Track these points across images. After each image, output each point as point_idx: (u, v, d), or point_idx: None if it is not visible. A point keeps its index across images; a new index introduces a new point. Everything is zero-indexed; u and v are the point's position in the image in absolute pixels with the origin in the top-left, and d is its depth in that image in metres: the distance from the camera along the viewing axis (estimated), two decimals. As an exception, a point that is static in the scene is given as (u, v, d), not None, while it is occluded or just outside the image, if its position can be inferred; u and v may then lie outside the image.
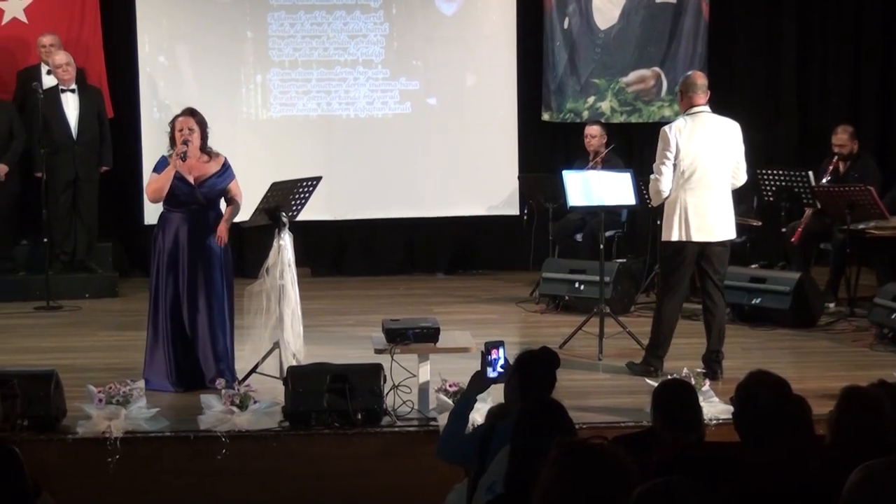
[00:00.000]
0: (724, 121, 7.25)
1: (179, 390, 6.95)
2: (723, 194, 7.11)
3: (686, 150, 6.98)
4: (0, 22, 10.47)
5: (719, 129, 7.11)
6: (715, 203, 7.06)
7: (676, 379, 5.11)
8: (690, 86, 7.12)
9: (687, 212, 7.01)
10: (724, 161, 7.09)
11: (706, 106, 7.11)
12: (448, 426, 4.92)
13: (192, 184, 7.02)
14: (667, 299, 7.20)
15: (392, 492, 6.13)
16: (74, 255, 10.23)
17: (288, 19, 10.91)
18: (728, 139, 7.13)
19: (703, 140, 7.01)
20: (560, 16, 11.08)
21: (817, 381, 6.66)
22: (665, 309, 7.19)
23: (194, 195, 7.03)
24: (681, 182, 7.01)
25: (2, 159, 9.88)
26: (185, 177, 7.00)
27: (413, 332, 6.53)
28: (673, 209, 7.06)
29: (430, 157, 11.03)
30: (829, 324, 8.69)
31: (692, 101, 7.08)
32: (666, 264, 7.30)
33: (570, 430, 3.98)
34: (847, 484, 2.07)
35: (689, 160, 6.98)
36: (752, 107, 11.40)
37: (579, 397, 6.52)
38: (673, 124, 7.17)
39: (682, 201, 7.02)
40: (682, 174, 7.00)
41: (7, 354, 7.81)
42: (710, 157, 7.01)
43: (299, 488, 6.20)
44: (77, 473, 6.05)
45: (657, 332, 7.22)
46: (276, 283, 7.08)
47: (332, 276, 11.00)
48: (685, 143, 6.98)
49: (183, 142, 6.94)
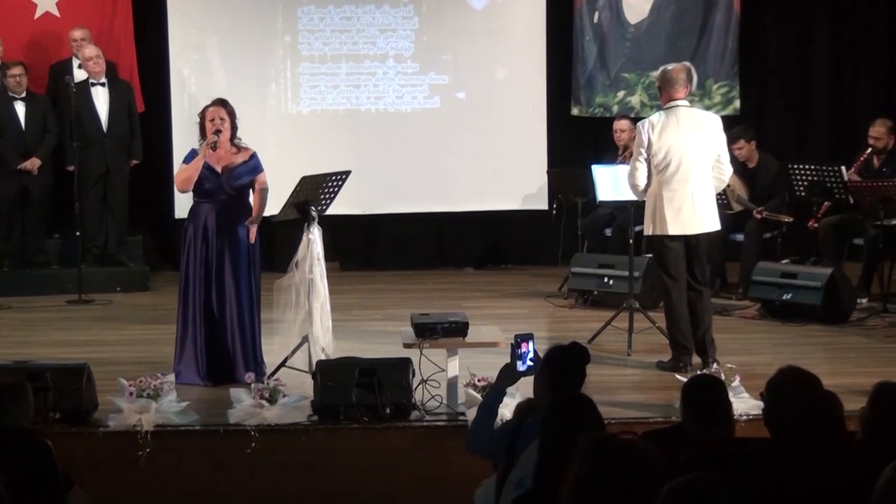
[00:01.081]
0: (703, 114, 7.29)
1: (209, 384, 6.97)
2: (701, 187, 7.08)
3: (658, 145, 7.00)
4: (33, 16, 10.53)
5: (696, 123, 7.09)
6: (692, 196, 7.03)
7: (706, 374, 5.11)
8: (669, 80, 7.13)
9: (662, 206, 7.03)
10: (701, 155, 7.06)
11: (685, 100, 7.13)
12: (477, 419, 4.92)
13: (220, 173, 7.05)
14: (672, 293, 7.17)
15: (420, 486, 6.13)
16: (105, 249, 10.29)
17: (318, 13, 10.93)
18: (705, 133, 7.09)
19: (676, 134, 7.01)
20: (590, 10, 11.06)
21: (849, 377, 6.62)
22: (672, 303, 7.18)
23: (222, 185, 7.05)
24: (655, 175, 7.03)
25: (35, 153, 9.95)
26: (214, 167, 7.03)
27: (442, 327, 6.53)
28: (650, 203, 7.11)
29: (458, 151, 11.02)
30: (862, 319, 8.64)
31: (671, 95, 7.10)
32: (657, 259, 7.30)
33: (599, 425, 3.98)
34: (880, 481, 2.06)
35: (661, 154, 7.00)
36: (784, 101, 11.39)
37: (608, 392, 6.50)
38: (646, 119, 7.24)
39: (657, 195, 7.05)
40: (655, 168, 7.03)
41: (40, 347, 7.86)
42: (684, 151, 7.00)
43: (328, 482, 6.21)
44: (108, 467, 6.07)
45: (674, 327, 7.21)
46: (306, 277, 7.09)
47: (360, 270, 11.02)
48: (657, 137, 7.00)
49: (214, 131, 6.97)
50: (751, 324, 8.71)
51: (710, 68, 11.12)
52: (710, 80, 11.11)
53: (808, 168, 9.44)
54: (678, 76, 7.15)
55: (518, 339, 4.85)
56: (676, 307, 7.16)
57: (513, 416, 4.88)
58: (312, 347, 7.03)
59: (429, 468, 6.14)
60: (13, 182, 9.94)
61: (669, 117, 7.06)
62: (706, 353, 7.14)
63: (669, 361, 7.20)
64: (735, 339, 8.14)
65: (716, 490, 2.64)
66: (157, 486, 6.16)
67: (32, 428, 4.88)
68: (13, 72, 9.87)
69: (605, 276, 9.10)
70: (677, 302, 7.16)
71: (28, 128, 9.96)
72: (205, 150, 6.97)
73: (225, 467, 6.21)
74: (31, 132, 9.98)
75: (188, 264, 7.11)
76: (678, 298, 7.16)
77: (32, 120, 9.98)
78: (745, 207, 9.55)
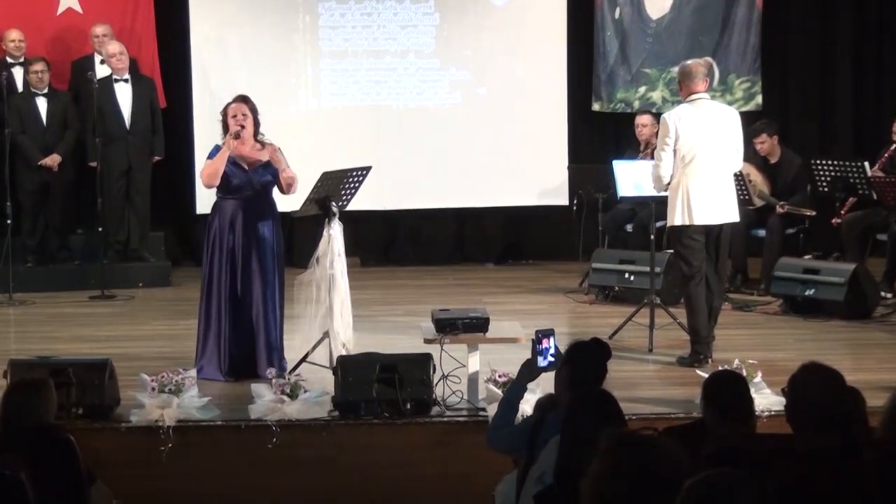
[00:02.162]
0: (724, 107, 7.47)
1: (230, 380, 6.98)
2: (724, 178, 7.23)
3: (685, 136, 7.08)
4: (55, 12, 10.58)
5: (718, 116, 7.24)
6: (716, 186, 7.16)
7: (727, 370, 5.09)
8: (689, 74, 7.23)
9: (689, 195, 7.10)
10: (724, 146, 7.20)
11: (706, 93, 7.26)
12: (498, 414, 4.93)
13: (246, 169, 7.06)
14: (692, 285, 7.19)
15: (441, 482, 6.14)
16: (128, 245, 10.33)
17: (338, 9, 10.95)
18: (727, 126, 7.24)
19: (702, 126, 7.12)
20: (611, 6, 11.04)
21: (872, 373, 6.61)
22: (693, 295, 7.19)
23: (250, 181, 7.07)
24: (682, 167, 7.10)
25: (56, 149, 9.99)
26: (240, 162, 7.04)
27: (462, 322, 6.52)
28: (676, 194, 7.15)
29: (479, 147, 11.02)
30: (885, 315, 8.62)
31: (691, 89, 7.19)
32: (679, 250, 7.30)
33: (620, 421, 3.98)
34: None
35: (688, 146, 7.08)
36: (807, 97, 11.35)
37: (629, 388, 6.51)
38: (672, 111, 7.32)
39: (683, 185, 7.11)
40: (682, 159, 7.11)
41: (63, 343, 7.90)
42: (709, 143, 7.11)
43: (349, 478, 6.22)
44: (130, 462, 6.09)
45: (694, 319, 7.23)
46: (326, 272, 7.10)
47: (381, 265, 11.03)
48: (684, 129, 7.09)
49: (240, 125, 6.98)
50: (773, 320, 8.68)
51: (732, 63, 11.10)
52: (733, 76, 11.09)
53: (830, 163, 9.41)
54: (698, 70, 7.26)
55: (539, 335, 4.86)
56: (696, 298, 7.18)
57: (533, 412, 4.87)
58: (333, 343, 7.04)
59: (450, 464, 6.14)
60: (35, 178, 9.99)
61: (695, 109, 7.16)
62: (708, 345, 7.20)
63: (689, 356, 7.21)
64: (757, 334, 8.14)
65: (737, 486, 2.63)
66: (179, 481, 6.17)
67: (55, 423, 4.90)
68: (35, 68, 9.91)
69: (626, 271, 9.10)
70: (698, 293, 7.18)
71: (49, 124, 10.01)
72: (229, 141, 6.98)
73: (246, 462, 6.22)
74: (53, 128, 10.02)
75: (212, 260, 7.12)
76: (698, 290, 7.17)
77: (54, 116, 10.02)
78: (768, 202, 9.53)
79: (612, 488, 3.08)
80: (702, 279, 7.20)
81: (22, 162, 9.91)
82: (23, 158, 9.90)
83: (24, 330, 8.57)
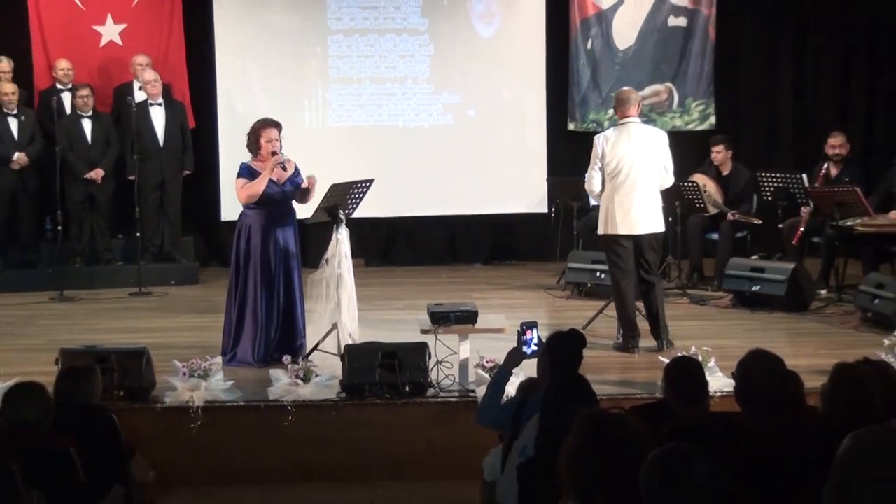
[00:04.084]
0: (651, 130, 7.32)
1: (263, 366, 6.92)
2: (648, 193, 7.09)
3: (611, 156, 7.02)
4: (99, 44, 10.57)
5: (644, 137, 7.11)
6: (639, 200, 7.05)
7: (685, 356, 5.09)
8: (623, 101, 7.17)
9: (613, 208, 7.04)
10: (649, 165, 7.07)
11: (636, 117, 7.13)
12: (486, 396, 4.92)
13: (281, 185, 7.06)
14: (622, 284, 7.17)
15: (436, 454, 6.13)
16: (162, 248, 10.32)
17: (345, 41, 10.94)
18: (652, 146, 7.11)
19: (627, 146, 7.02)
20: (584, 38, 11.05)
21: (809, 358, 6.61)
22: (623, 293, 7.16)
23: (284, 193, 7.07)
24: (609, 182, 7.04)
25: (100, 164, 9.98)
26: (273, 179, 7.02)
27: (454, 315, 6.54)
28: (603, 206, 7.13)
29: (469, 161, 11.02)
30: (820, 308, 8.61)
31: (624, 113, 7.12)
32: (610, 253, 7.25)
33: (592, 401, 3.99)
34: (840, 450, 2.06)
35: (613, 164, 7.02)
36: (754, 117, 11.37)
37: (600, 372, 6.50)
38: (602, 134, 7.27)
39: (609, 199, 7.07)
40: (609, 176, 7.04)
41: (106, 334, 7.88)
42: (633, 161, 7.01)
43: (354, 451, 6.22)
44: (164, 437, 6.09)
45: (623, 311, 7.20)
46: (335, 272, 7.10)
47: (383, 266, 11.03)
48: (610, 149, 7.03)
49: (276, 151, 6.95)
50: (724, 312, 8.69)
51: (689, 88, 11.12)
52: (689, 99, 11.11)
53: (774, 176, 9.43)
54: (630, 96, 7.19)
55: (524, 327, 4.86)
56: (626, 296, 7.17)
57: (517, 393, 4.88)
58: (341, 333, 7.04)
59: (443, 439, 6.14)
60: (81, 189, 9.98)
61: (622, 132, 7.08)
62: (660, 335, 7.16)
63: (620, 342, 7.22)
64: (711, 325, 8.15)
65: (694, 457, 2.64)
66: (207, 455, 6.17)
67: (100, 404, 4.91)
68: (82, 93, 9.92)
69: (598, 270, 9.09)
70: (626, 292, 7.16)
71: (94, 142, 9.99)
72: (272, 169, 6.95)
73: (265, 438, 6.22)
74: (97, 146, 10.00)
75: (246, 262, 7.07)
76: (627, 289, 7.16)
77: (98, 135, 10.00)
78: (720, 210, 9.54)
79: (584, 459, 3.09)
80: (631, 279, 7.15)
81: (70, 176, 9.89)
82: (71, 173, 9.88)
83: (73, 322, 8.55)
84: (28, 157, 9.77)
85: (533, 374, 4.88)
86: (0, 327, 8.40)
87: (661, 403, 4.45)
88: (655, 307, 7.19)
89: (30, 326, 8.42)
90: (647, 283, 7.19)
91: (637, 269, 7.17)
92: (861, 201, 8.68)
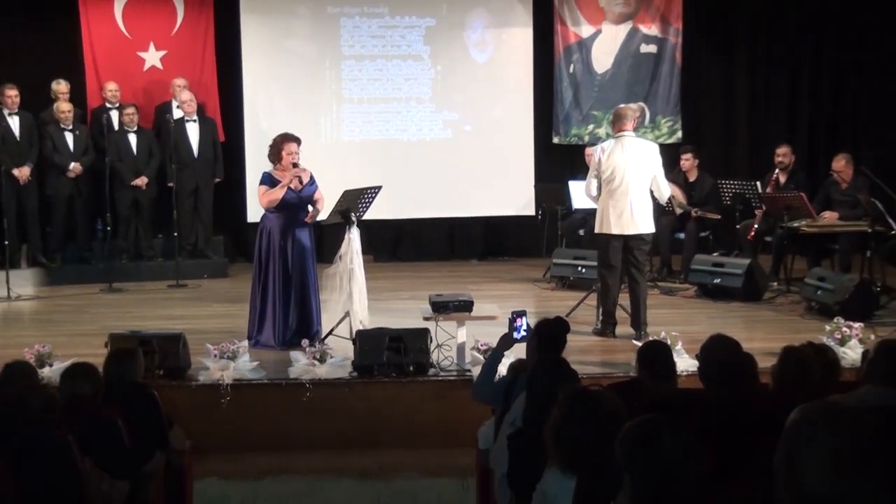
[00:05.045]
0: (644, 143, 7.22)
1: (284, 348, 6.93)
2: (639, 199, 7.01)
3: (607, 165, 6.97)
4: (142, 69, 10.60)
5: (637, 149, 7.04)
6: (631, 205, 6.98)
7: (656, 340, 5.10)
8: (619, 116, 7.11)
9: (608, 211, 7.01)
10: (641, 174, 7.00)
11: (631, 131, 7.06)
12: (481, 374, 4.93)
13: (298, 191, 7.06)
14: (609, 276, 7.14)
15: (436, 425, 6.14)
16: (196, 246, 10.32)
17: (357, 66, 10.94)
18: (645, 157, 7.03)
19: (622, 157, 6.97)
20: (567, 63, 11.05)
21: (762, 342, 6.60)
22: (609, 285, 7.14)
23: (300, 199, 7.07)
24: (605, 188, 7.01)
25: (144, 173, 9.99)
26: (292, 188, 7.03)
27: (453, 304, 6.54)
28: (599, 208, 7.09)
29: (466, 170, 11.02)
30: (772, 298, 8.63)
31: (620, 127, 7.06)
32: (602, 250, 7.21)
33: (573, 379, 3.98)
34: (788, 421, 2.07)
35: (609, 172, 6.97)
36: (714, 132, 11.37)
37: (581, 354, 6.52)
38: (600, 145, 7.21)
39: (604, 202, 7.03)
40: (605, 183, 7.00)
41: (148, 321, 7.89)
42: (627, 171, 6.96)
43: (365, 423, 6.24)
44: (199, 411, 6.10)
45: (607, 302, 7.18)
46: (347, 267, 7.10)
47: (390, 261, 11.02)
48: (606, 159, 6.98)
49: (296, 165, 6.96)
50: (690, 302, 8.69)
51: (659, 107, 11.12)
52: (660, 116, 11.11)
53: (732, 183, 9.45)
54: (626, 113, 7.14)
55: (514, 315, 4.86)
56: (611, 290, 7.14)
57: (508, 373, 4.88)
58: (353, 320, 7.04)
59: (443, 412, 6.15)
60: (128, 195, 9.99)
61: (617, 144, 7.03)
62: (639, 327, 7.11)
63: (600, 328, 7.20)
64: (678, 313, 8.16)
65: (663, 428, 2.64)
66: (235, 426, 6.19)
67: (143, 382, 4.91)
68: (128, 111, 9.94)
69: (579, 265, 9.10)
70: (612, 286, 7.13)
71: (138, 154, 9.99)
72: (290, 181, 6.96)
73: (286, 412, 6.23)
74: (141, 157, 10.00)
75: (267, 259, 7.08)
76: (613, 283, 7.13)
77: (142, 148, 10.00)
78: (685, 210, 9.55)
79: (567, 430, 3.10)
80: (616, 275, 7.12)
81: (118, 183, 9.89)
82: (119, 180, 9.89)
83: (120, 310, 8.55)
84: (82, 166, 9.78)
85: (522, 356, 4.88)
86: (59, 315, 8.44)
87: (634, 381, 4.46)
88: (638, 302, 7.16)
89: (83, 314, 8.43)
90: (634, 279, 7.14)
91: (626, 266, 7.14)
92: (806, 205, 8.70)
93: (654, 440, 2.60)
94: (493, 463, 4.25)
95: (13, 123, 9.59)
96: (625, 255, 7.09)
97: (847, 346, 6.47)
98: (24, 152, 9.61)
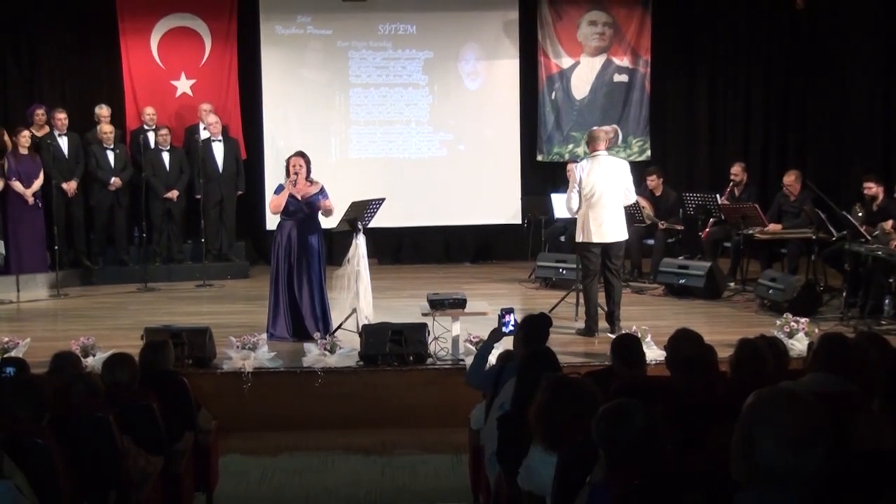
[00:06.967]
0: (617, 160, 7.25)
1: (294, 340, 6.96)
2: (614, 210, 7.04)
3: (587, 181, 6.97)
4: (174, 95, 10.59)
5: (611, 166, 7.06)
6: (608, 216, 7.01)
7: (628, 333, 5.09)
8: (593, 138, 7.12)
9: (588, 221, 7.00)
10: (615, 187, 7.02)
11: (604, 151, 7.07)
12: (473, 364, 4.93)
13: (300, 200, 7.06)
14: (588, 281, 7.14)
15: (434, 408, 6.14)
16: (221, 250, 10.30)
17: (363, 93, 10.94)
18: (617, 173, 7.05)
19: (598, 174, 6.98)
20: (549, 90, 11.06)
21: (722, 335, 6.60)
22: (589, 288, 7.13)
23: (301, 207, 7.06)
24: (585, 202, 6.99)
25: (175, 186, 9.98)
26: (295, 195, 7.04)
27: (448, 302, 6.55)
28: (580, 219, 7.07)
29: (459, 184, 11.01)
30: (730, 297, 8.63)
31: (594, 147, 7.06)
32: (583, 257, 7.20)
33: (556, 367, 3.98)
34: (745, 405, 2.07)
35: (588, 187, 6.97)
36: (679, 150, 11.38)
37: (563, 345, 6.50)
38: (580, 163, 7.20)
39: (584, 214, 7.02)
40: (585, 196, 6.99)
41: (178, 316, 7.88)
42: (603, 185, 6.97)
43: (371, 407, 6.23)
44: (223, 396, 6.10)
45: (589, 305, 7.16)
46: (354, 269, 7.10)
47: (392, 264, 11.00)
48: (586, 176, 6.98)
49: (294, 173, 6.98)
50: (658, 300, 8.70)
51: (630, 128, 11.12)
52: (631, 137, 11.12)
53: (695, 195, 9.46)
54: (599, 134, 7.16)
55: (503, 311, 4.87)
56: (591, 291, 7.12)
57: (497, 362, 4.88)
58: (359, 316, 7.04)
59: (439, 396, 6.15)
60: (161, 206, 9.97)
61: (594, 162, 7.03)
62: (614, 322, 7.11)
63: (584, 329, 7.17)
64: (647, 309, 8.15)
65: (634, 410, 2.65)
66: (256, 409, 6.19)
67: (174, 370, 4.90)
68: (162, 132, 9.95)
69: (561, 268, 9.11)
70: (592, 290, 7.12)
71: (171, 170, 9.97)
72: (289, 186, 6.99)
73: (300, 396, 6.23)
74: (173, 173, 9.98)
75: (279, 261, 7.10)
76: (592, 287, 7.12)
77: (173, 164, 9.99)
78: (653, 222, 9.56)
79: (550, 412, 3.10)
80: (595, 278, 7.11)
81: (153, 195, 9.88)
82: (153, 193, 9.88)
83: (153, 307, 8.54)
84: (121, 181, 9.75)
85: (510, 348, 4.88)
86: (100, 311, 8.43)
87: (609, 369, 4.46)
88: (614, 302, 7.16)
89: (122, 311, 8.41)
90: (609, 282, 7.14)
91: (603, 270, 7.13)
92: (759, 215, 8.74)
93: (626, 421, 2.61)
94: (484, 441, 4.25)
95: (63, 143, 9.61)
96: (603, 259, 7.10)
97: (795, 338, 6.48)
98: (72, 168, 9.62)
